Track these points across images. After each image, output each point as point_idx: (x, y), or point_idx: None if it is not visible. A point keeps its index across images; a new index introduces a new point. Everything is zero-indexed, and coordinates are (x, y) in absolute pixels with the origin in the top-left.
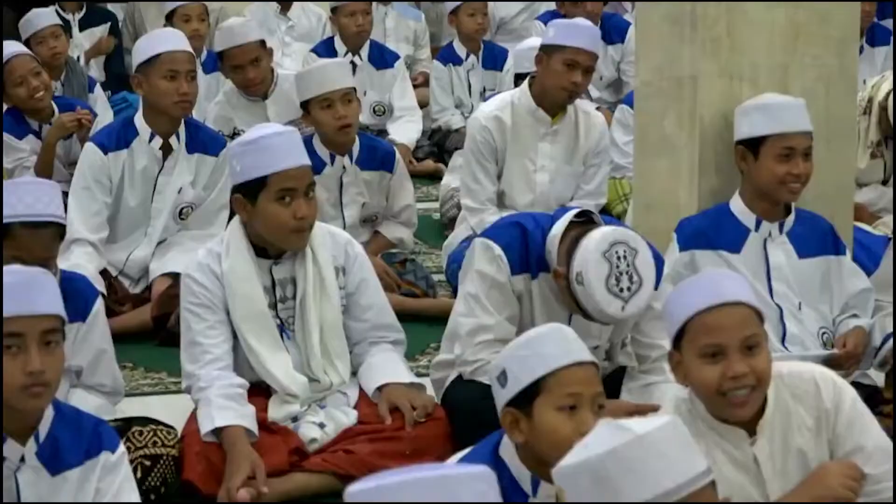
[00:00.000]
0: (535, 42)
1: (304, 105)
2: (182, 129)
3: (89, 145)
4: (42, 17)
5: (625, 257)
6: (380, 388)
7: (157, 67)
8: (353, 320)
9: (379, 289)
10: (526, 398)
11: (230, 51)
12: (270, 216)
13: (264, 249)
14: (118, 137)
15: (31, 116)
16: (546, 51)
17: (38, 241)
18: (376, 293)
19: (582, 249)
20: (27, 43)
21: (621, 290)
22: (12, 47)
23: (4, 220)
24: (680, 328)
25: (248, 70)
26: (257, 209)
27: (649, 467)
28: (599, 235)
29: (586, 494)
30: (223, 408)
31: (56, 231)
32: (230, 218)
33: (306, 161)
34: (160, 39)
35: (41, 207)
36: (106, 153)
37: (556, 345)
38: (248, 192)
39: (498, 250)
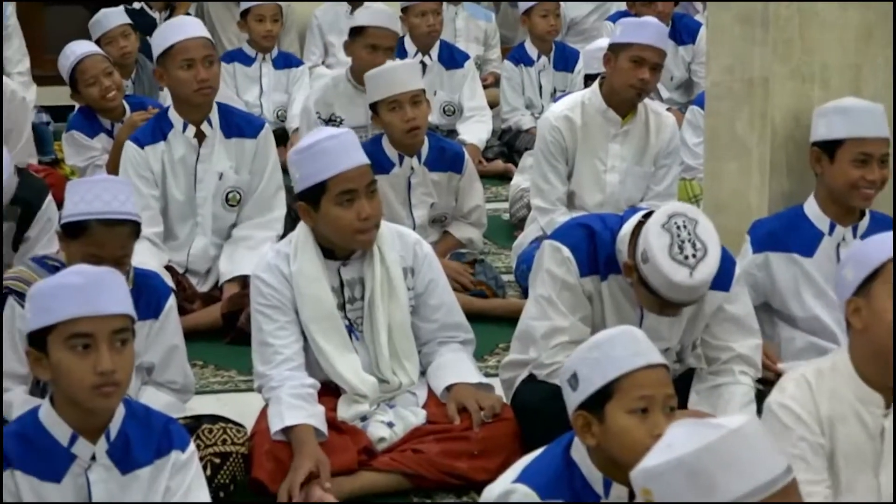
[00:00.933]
0: (604, 43)
1: (373, 107)
2: (215, 115)
3: (127, 143)
4: (111, 17)
5: (684, 226)
6: (448, 389)
7: (173, 58)
8: (422, 320)
9: (448, 289)
10: (597, 401)
11: (372, 29)
12: (334, 219)
13: (332, 251)
14: (153, 131)
15: (104, 116)
16: (613, 49)
17: (115, 238)
18: (445, 293)
19: (643, 230)
20: (97, 43)
21: (685, 257)
22: (84, 47)
23: (81, 218)
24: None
25: (380, 55)
26: (321, 214)
27: (745, 461)
28: (657, 212)
29: (680, 492)
30: (293, 407)
31: (132, 229)
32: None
33: (363, 160)
34: (173, 30)
35: (118, 205)
36: (142, 147)
37: (626, 347)
38: (309, 199)
39: (566, 252)
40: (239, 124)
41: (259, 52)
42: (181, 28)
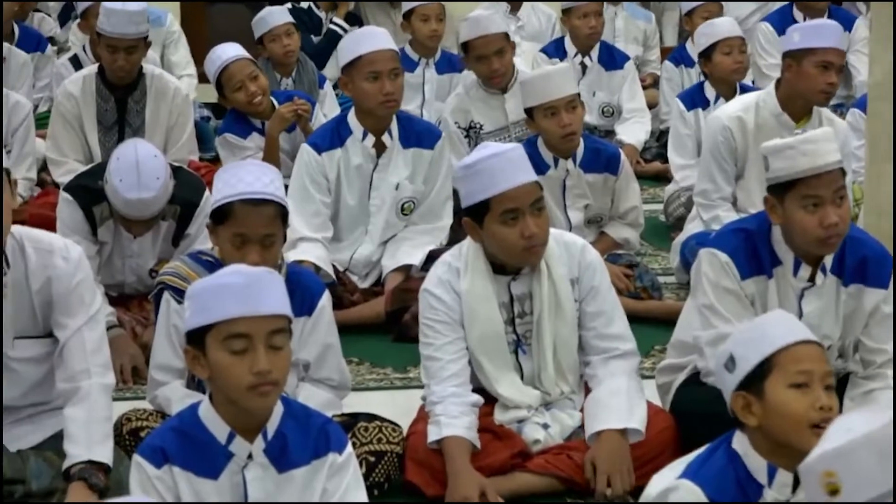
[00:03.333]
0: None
1: (529, 111)
2: (394, 125)
3: (304, 146)
4: (275, 16)
5: None
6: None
7: (359, 69)
8: (581, 328)
9: (608, 297)
10: (757, 379)
11: (475, 41)
12: (498, 238)
13: (502, 266)
14: (332, 136)
15: (253, 116)
16: (794, 56)
17: (259, 217)
18: (605, 301)
19: None
20: (260, 40)
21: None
22: (230, 51)
23: (224, 201)
24: None
25: (493, 61)
26: (485, 231)
27: None
28: None
29: (869, 471)
30: (453, 417)
31: (276, 210)
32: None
33: (528, 178)
34: (362, 40)
35: (260, 186)
36: (320, 153)
37: (783, 324)
38: (474, 216)
39: (724, 257)
40: (418, 134)
41: (422, 55)
42: (370, 39)
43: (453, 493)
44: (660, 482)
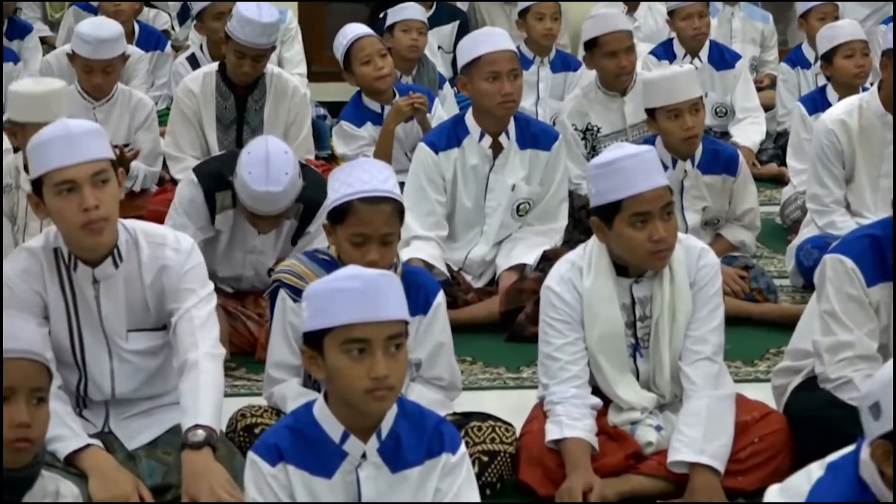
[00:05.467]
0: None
1: (650, 112)
2: (512, 126)
3: (421, 145)
4: (413, 10)
5: None
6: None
7: (478, 69)
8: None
9: (709, 304)
10: None
11: (604, 37)
12: (626, 240)
13: (625, 268)
14: (449, 136)
15: (372, 97)
16: (888, 55)
17: (378, 215)
18: (702, 308)
19: None
20: (391, 29)
21: None
22: (360, 29)
23: (343, 200)
24: None
25: (622, 57)
26: (613, 232)
27: None
28: None
29: None
30: (574, 419)
31: (394, 207)
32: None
33: (661, 182)
34: (481, 40)
35: (377, 183)
36: (437, 152)
37: None
38: (603, 215)
39: (850, 263)
40: (535, 135)
41: (537, 53)
42: (490, 39)
43: (562, 485)
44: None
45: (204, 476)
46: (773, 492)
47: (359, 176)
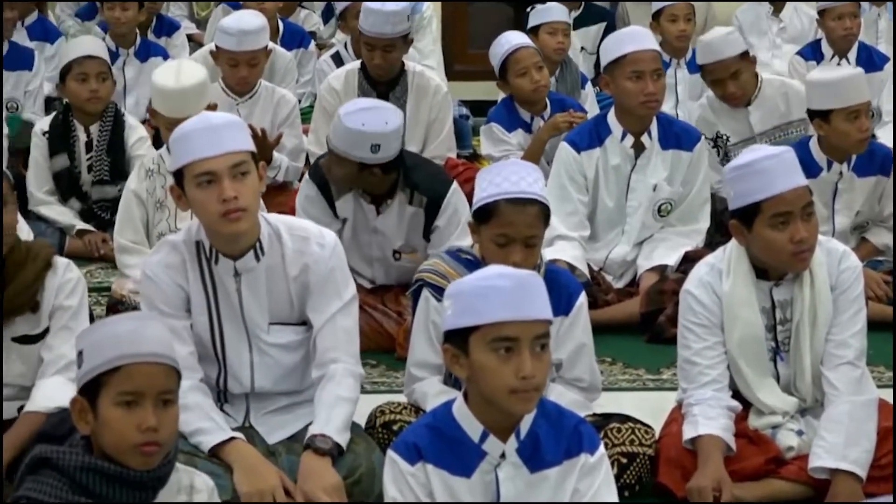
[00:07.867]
0: None
1: (821, 113)
2: (654, 126)
3: (563, 145)
4: (558, 12)
5: None
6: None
7: (622, 68)
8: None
9: (851, 308)
10: None
11: (709, 66)
12: (767, 242)
13: (765, 271)
14: (591, 135)
15: (525, 108)
16: None
17: (523, 216)
18: (844, 312)
19: None
20: (535, 30)
21: None
22: (519, 38)
23: (489, 199)
24: None
25: (728, 84)
26: (753, 234)
27: None
28: None
29: None
30: (710, 418)
31: (540, 210)
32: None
33: (801, 182)
34: (626, 39)
35: (525, 185)
36: (579, 152)
37: None
38: (743, 218)
39: None
40: (678, 135)
41: (672, 55)
42: (634, 38)
43: (690, 482)
44: None
45: (322, 477)
46: None
47: (507, 176)
